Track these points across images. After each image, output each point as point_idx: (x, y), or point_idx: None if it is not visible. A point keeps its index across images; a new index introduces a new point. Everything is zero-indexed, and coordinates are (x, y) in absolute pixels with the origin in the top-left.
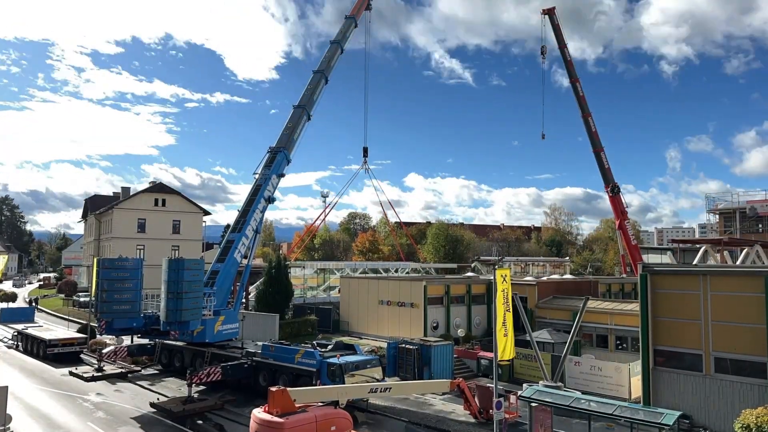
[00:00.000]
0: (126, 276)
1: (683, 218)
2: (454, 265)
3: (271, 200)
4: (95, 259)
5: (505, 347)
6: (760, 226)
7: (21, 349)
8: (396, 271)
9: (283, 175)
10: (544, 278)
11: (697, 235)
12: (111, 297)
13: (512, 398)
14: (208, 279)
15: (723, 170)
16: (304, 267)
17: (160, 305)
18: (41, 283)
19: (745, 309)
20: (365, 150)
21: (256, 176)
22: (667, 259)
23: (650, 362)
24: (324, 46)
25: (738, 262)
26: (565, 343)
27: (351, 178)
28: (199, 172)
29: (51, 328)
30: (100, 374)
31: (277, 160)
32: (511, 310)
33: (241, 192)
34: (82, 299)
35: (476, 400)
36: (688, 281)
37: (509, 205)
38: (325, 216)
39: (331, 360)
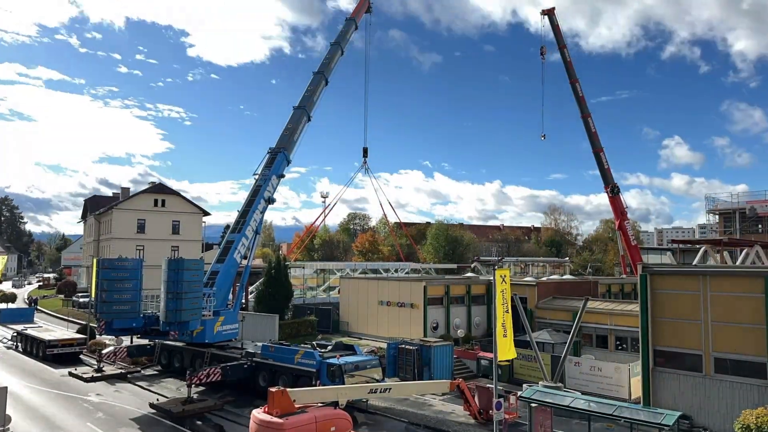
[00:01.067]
0: (126, 276)
1: (661, 215)
2: (454, 266)
3: (271, 201)
4: (95, 260)
5: (505, 348)
6: (760, 226)
7: (20, 350)
8: (396, 271)
9: (283, 176)
10: (544, 279)
11: (696, 236)
12: (111, 297)
13: (512, 399)
14: (208, 279)
15: (646, 166)
16: (303, 267)
17: (159, 305)
18: (41, 283)
19: (745, 309)
20: (365, 150)
21: (256, 177)
22: (667, 259)
23: (650, 363)
24: None
25: (738, 263)
26: (565, 343)
27: (351, 177)
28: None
29: (50, 329)
30: (99, 375)
31: (277, 161)
32: (510, 310)
33: (190, 190)
34: (81, 300)
35: (476, 400)
36: (688, 282)
37: (477, 200)
38: (325, 216)
39: (331, 360)
